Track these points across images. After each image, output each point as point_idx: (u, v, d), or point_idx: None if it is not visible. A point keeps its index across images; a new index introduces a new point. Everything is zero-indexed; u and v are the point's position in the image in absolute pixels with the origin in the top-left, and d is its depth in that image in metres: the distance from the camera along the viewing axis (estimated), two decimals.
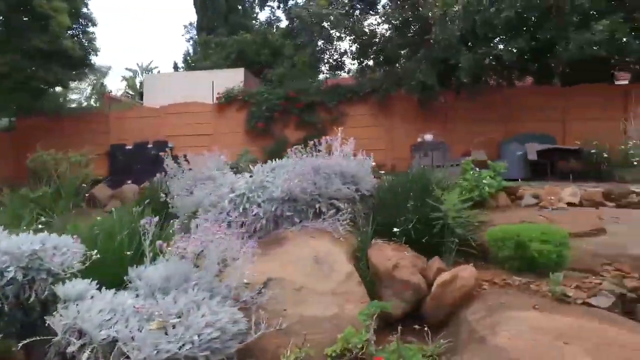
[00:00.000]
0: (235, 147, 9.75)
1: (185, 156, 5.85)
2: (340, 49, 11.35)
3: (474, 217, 4.65)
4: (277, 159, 5.37)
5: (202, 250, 3.36)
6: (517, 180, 8.52)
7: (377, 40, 10.49)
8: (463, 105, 9.52)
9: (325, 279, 3.63)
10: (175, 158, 6.03)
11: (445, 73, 9.13)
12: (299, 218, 4.64)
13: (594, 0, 6.65)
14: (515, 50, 7.16)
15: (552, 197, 5.05)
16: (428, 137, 7.39)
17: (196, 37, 20.60)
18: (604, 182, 7.43)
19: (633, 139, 8.01)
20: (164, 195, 5.94)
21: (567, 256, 3.58)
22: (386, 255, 3.79)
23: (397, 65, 10.37)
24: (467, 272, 3.38)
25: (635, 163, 7.31)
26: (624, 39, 6.52)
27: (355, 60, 11.24)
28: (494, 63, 7.75)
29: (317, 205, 4.71)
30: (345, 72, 12.17)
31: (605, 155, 7.45)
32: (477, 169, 9.16)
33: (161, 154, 6.36)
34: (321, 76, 13.44)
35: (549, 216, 4.67)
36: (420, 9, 8.99)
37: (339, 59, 11.36)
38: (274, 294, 3.36)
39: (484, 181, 5.02)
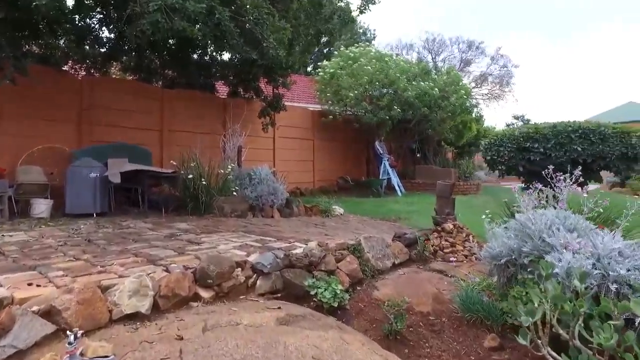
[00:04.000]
0: None
1: None
2: None
3: None
4: None
5: None
6: (93, 215, 5.74)
7: None
8: (17, 94, 5.72)
9: None
10: None
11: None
12: None
13: None
14: None
15: (83, 310, 2.20)
16: None
17: None
18: (202, 216, 5.88)
19: (231, 160, 7.00)
20: None
21: None
22: None
23: None
24: None
25: (234, 192, 6.16)
26: (225, 23, 4.91)
27: None
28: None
29: None
30: None
31: (205, 182, 5.88)
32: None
33: None
34: None
35: None
36: None
37: None
38: None
39: None
